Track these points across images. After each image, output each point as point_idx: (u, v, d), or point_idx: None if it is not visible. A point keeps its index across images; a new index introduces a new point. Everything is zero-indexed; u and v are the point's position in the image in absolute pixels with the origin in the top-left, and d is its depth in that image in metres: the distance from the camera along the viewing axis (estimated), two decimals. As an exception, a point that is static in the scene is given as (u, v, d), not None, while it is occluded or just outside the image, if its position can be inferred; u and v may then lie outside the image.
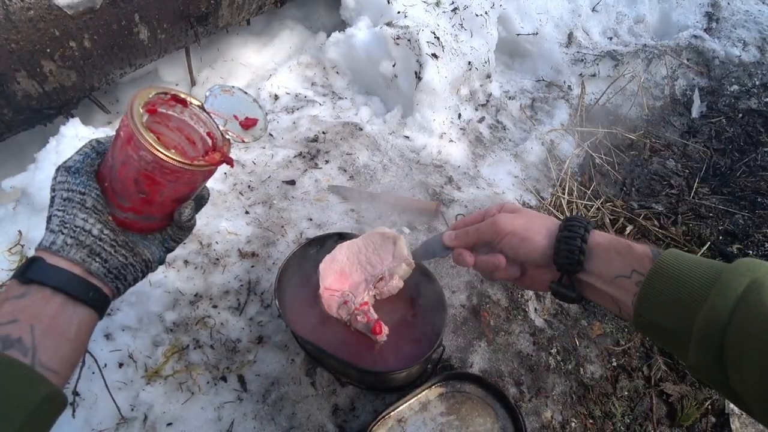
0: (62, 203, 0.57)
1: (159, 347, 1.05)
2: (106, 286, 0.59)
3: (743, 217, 1.59)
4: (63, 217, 0.56)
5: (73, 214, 0.56)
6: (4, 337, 0.50)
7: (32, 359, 0.50)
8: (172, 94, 0.62)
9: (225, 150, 0.64)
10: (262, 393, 1.01)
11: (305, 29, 2.07)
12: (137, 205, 0.60)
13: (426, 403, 0.98)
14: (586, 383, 1.15)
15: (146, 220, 0.63)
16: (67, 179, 0.59)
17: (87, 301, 0.56)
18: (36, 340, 0.51)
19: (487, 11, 1.86)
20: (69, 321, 0.54)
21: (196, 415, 0.97)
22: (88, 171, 0.60)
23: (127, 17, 1.30)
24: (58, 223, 0.56)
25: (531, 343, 1.18)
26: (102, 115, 1.68)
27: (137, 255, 0.61)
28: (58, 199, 0.58)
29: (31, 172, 1.25)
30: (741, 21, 2.09)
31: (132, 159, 0.56)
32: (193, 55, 1.78)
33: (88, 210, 0.57)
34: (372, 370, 0.91)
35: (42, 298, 0.53)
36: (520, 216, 0.71)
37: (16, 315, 0.51)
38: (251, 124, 0.67)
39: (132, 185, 0.58)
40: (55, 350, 0.52)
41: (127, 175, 0.58)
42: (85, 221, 0.57)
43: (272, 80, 1.78)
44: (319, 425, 0.99)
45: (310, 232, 1.29)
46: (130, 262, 0.60)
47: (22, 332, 0.50)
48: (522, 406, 1.08)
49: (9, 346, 0.49)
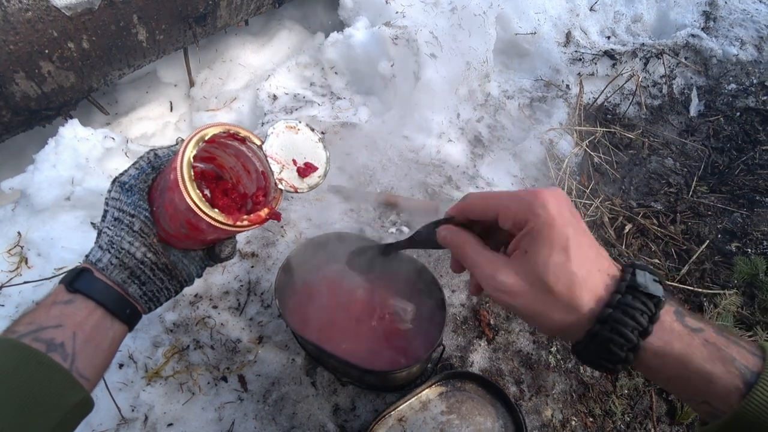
0: (113, 222, 0.60)
1: (159, 348, 1.05)
2: (139, 305, 0.62)
3: (741, 216, 1.60)
4: (112, 237, 0.59)
5: (120, 236, 0.59)
6: (50, 340, 0.53)
7: (71, 365, 0.53)
8: (231, 133, 0.58)
9: (274, 204, 0.60)
10: (262, 393, 1.01)
11: (303, 29, 2.08)
12: (180, 237, 0.61)
13: (426, 402, 0.98)
14: (586, 382, 1.15)
15: (188, 245, 0.64)
16: (120, 197, 0.61)
17: (123, 317, 0.59)
18: (76, 347, 0.54)
19: (485, 11, 1.86)
20: (105, 333, 0.58)
21: (197, 416, 0.97)
22: (141, 188, 0.61)
23: (125, 18, 1.30)
24: (107, 242, 0.59)
25: (531, 342, 1.18)
26: (101, 116, 1.68)
27: (174, 278, 0.63)
28: (109, 217, 0.61)
29: (30, 174, 1.25)
30: (738, 20, 2.09)
31: (177, 204, 0.55)
32: (192, 55, 1.78)
33: (135, 233, 0.59)
34: (372, 370, 0.92)
35: (86, 309, 0.56)
36: (573, 229, 0.44)
37: (62, 320, 0.55)
38: (310, 172, 0.62)
39: (176, 223, 0.58)
40: (90, 359, 0.55)
41: (173, 213, 0.57)
42: (131, 244, 0.59)
43: (271, 80, 1.78)
44: (319, 425, 0.99)
45: (309, 232, 1.29)
46: (165, 286, 0.63)
47: (65, 338, 0.54)
48: (522, 404, 1.08)
49: (52, 349, 0.52)
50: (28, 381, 0.49)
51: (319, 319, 0.97)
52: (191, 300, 1.13)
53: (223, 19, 1.64)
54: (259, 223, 0.59)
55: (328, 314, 0.98)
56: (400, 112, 1.74)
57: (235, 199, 0.66)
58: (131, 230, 0.59)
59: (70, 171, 1.26)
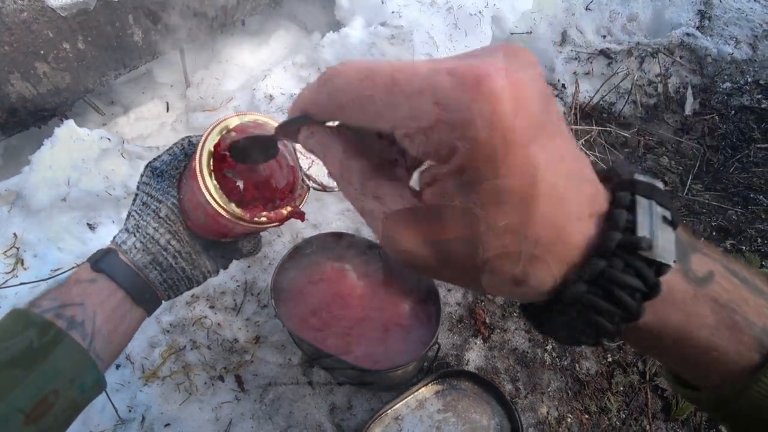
0: (141, 207, 0.60)
1: (156, 348, 1.05)
2: (159, 291, 0.61)
3: (736, 213, 1.61)
4: (138, 221, 0.59)
5: (146, 221, 0.59)
6: (71, 317, 0.53)
7: (89, 345, 0.53)
8: (259, 123, 0.55)
9: (298, 203, 0.58)
10: (259, 392, 1.02)
11: (300, 29, 2.08)
12: (202, 227, 0.60)
13: (423, 401, 0.99)
14: (582, 379, 1.16)
15: (212, 236, 0.62)
16: (150, 182, 0.60)
17: (142, 302, 0.59)
18: (96, 327, 0.54)
19: (481, 10, 1.86)
20: (124, 317, 0.57)
21: (194, 416, 0.98)
22: (171, 174, 0.61)
23: (120, 18, 1.30)
24: (133, 225, 0.59)
25: (526, 340, 1.18)
26: (97, 116, 1.68)
27: (196, 268, 0.63)
28: (138, 201, 0.61)
29: (26, 174, 1.25)
30: (733, 18, 2.10)
31: (196, 194, 0.54)
32: (188, 56, 1.78)
33: (160, 219, 0.59)
34: (369, 369, 0.92)
35: (107, 289, 0.56)
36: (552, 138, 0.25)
37: (84, 299, 0.54)
38: None
39: (198, 212, 0.57)
40: (107, 341, 0.55)
41: (195, 203, 0.56)
42: (156, 230, 0.59)
43: (267, 81, 1.78)
44: (316, 424, 0.99)
45: (306, 232, 1.29)
46: (187, 275, 0.62)
47: (86, 317, 0.53)
48: (518, 402, 1.09)
49: (72, 327, 0.52)
50: (51, 358, 0.49)
51: (315, 318, 0.98)
52: (188, 300, 1.13)
53: (218, 19, 1.64)
54: (279, 221, 0.57)
55: (325, 314, 0.99)
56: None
57: (265, 193, 0.63)
58: (157, 216, 0.59)
59: (67, 172, 1.26)
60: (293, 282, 1.02)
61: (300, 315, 0.98)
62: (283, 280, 1.01)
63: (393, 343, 0.97)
